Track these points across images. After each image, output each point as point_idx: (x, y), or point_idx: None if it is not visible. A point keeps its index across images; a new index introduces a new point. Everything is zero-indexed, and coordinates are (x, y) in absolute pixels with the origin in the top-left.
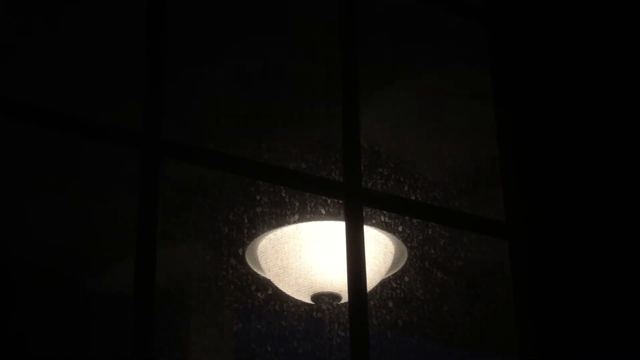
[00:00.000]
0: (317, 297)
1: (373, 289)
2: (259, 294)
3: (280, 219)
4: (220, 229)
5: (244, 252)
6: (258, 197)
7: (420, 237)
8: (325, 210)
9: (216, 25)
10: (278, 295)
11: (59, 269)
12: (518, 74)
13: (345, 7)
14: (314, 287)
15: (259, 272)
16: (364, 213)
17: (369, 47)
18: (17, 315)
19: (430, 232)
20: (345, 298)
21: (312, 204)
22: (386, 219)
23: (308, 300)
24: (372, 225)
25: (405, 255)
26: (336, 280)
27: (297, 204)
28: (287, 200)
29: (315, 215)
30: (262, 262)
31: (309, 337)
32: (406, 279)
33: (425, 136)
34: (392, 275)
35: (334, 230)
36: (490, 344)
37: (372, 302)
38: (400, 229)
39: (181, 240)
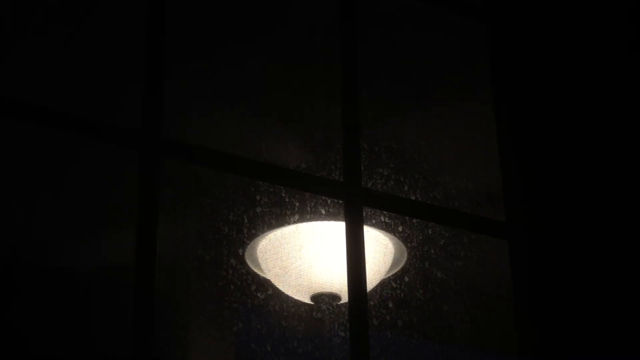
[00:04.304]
0: (317, 297)
1: (373, 289)
2: (259, 294)
3: (280, 219)
4: (220, 229)
5: (244, 252)
6: (258, 197)
7: (420, 237)
8: (325, 210)
9: (216, 25)
10: (278, 295)
11: (58, 268)
12: (518, 73)
13: (345, 8)
14: (314, 287)
15: (258, 272)
16: (364, 213)
17: (368, 47)
18: (16, 313)
19: (430, 232)
20: (345, 298)
21: (312, 204)
22: (386, 219)
23: (308, 300)
24: (372, 225)
25: (405, 255)
26: (336, 281)
27: (297, 204)
28: (287, 200)
29: (315, 215)
30: (262, 262)
31: (309, 337)
32: (406, 279)
33: (426, 136)
34: (392, 275)
35: (334, 230)
36: (490, 344)
37: (372, 302)
38: (400, 229)
39: (181, 240)
